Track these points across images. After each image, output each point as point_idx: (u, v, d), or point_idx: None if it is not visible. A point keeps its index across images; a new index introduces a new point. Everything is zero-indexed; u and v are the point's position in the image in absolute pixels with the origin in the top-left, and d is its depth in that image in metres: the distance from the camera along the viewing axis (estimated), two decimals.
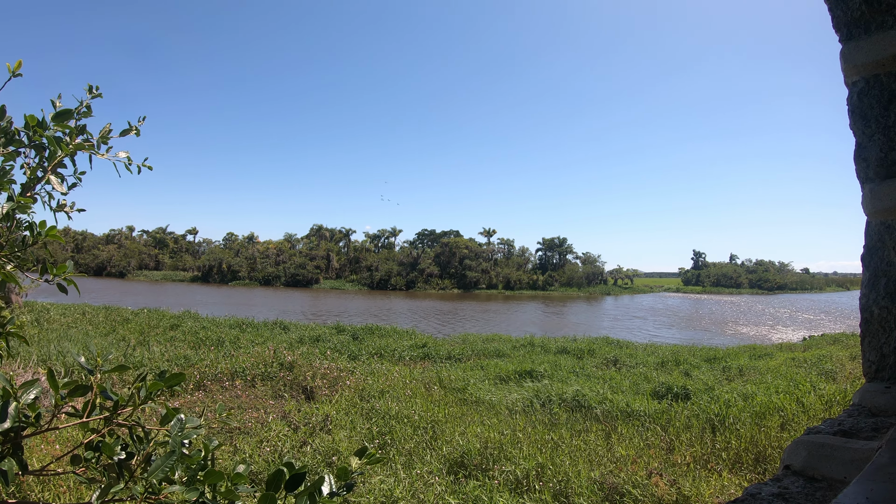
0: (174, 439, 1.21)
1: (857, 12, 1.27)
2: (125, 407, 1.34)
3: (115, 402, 1.32)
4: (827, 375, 12.43)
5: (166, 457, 1.16)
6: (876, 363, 1.30)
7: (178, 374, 1.35)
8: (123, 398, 1.34)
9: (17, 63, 1.43)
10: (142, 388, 1.34)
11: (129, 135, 1.66)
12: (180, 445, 1.20)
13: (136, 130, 1.67)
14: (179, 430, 1.24)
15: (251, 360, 11.82)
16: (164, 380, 1.33)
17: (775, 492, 1.04)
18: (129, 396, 1.34)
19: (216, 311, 29.95)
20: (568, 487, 5.76)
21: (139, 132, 1.67)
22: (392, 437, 7.39)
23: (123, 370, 1.36)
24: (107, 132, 1.62)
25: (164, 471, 1.14)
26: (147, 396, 1.33)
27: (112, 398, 1.32)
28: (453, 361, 15.92)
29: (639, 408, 9.07)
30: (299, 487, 1.18)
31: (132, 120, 1.69)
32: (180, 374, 1.36)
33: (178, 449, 1.17)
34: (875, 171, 1.27)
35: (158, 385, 1.32)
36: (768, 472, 6.50)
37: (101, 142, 1.60)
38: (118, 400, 1.33)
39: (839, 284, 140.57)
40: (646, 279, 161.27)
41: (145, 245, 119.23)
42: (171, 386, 1.33)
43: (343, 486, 1.27)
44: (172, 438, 1.21)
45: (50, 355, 11.80)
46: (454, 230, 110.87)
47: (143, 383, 1.34)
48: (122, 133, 1.65)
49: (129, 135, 1.66)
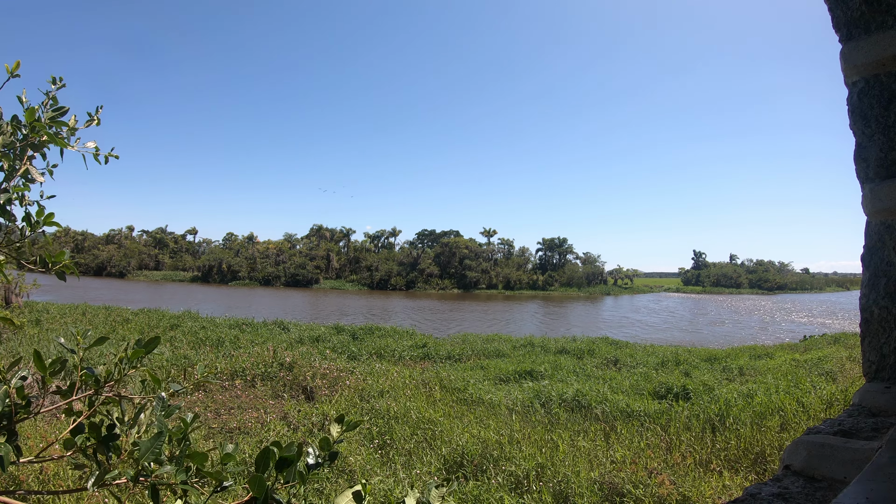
0: (159, 418, 1.23)
1: (857, 12, 1.27)
2: (109, 381, 1.38)
3: (96, 378, 1.36)
4: (827, 375, 12.43)
5: (155, 437, 1.17)
6: (876, 363, 1.29)
7: (155, 338, 1.38)
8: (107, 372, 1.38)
9: (16, 64, 1.43)
10: (123, 360, 1.37)
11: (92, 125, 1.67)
12: (166, 424, 1.21)
13: (97, 120, 1.68)
14: (162, 409, 1.26)
15: (251, 360, 11.82)
16: (142, 346, 1.36)
17: (775, 492, 1.04)
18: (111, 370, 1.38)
19: (216, 312, 29.96)
20: (568, 488, 5.76)
21: (99, 121, 1.69)
22: (391, 437, 7.39)
23: (103, 342, 1.39)
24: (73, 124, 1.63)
25: (154, 452, 1.16)
26: (129, 365, 1.37)
27: (94, 372, 1.36)
28: (453, 361, 15.92)
29: (639, 408, 9.06)
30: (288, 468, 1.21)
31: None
32: (156, 338, 1.38)
33: (164, 428, 1.19)
34: (875, 171, 1.27)
35: (139, 352, 1.36)
36: (768, 472, 6.50)
37: (69, 133, 1.61)
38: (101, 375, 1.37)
39: (839, 284, 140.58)
40: (646, 279, 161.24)
41: (145, 245, 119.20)
42: (150, 350, 1.36)
43: (326, 456, 1.31)
44: (157, 418, 1.23)
45: (50, 355, 11.79)
46: (454, 230, 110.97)
47: (125, 354, 1.37)
48: (86, 124, 1.66)
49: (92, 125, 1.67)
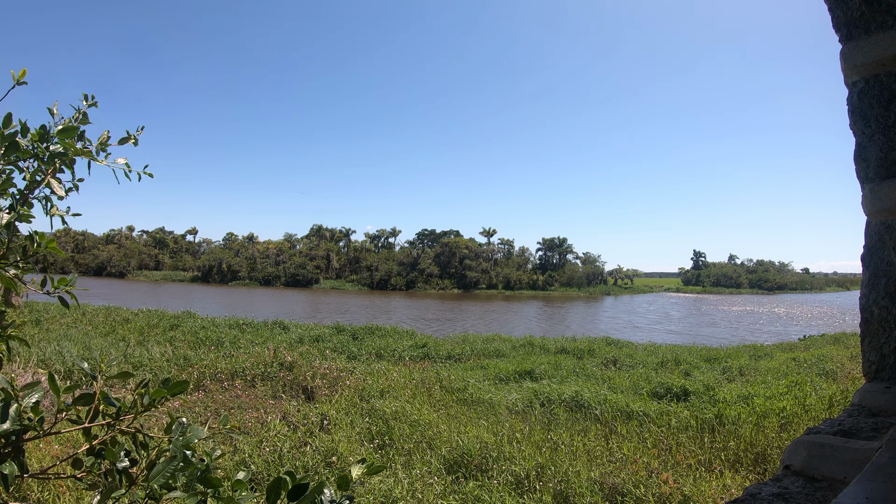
0: (175, 444, 1.19)
1: (857, 12, 1.26)
2: (127, 413, 1.31)
3: (118, 409, 1.30)
4: (827, 375, 12.43)
5: (167, 462, 1.14)
6: (876, 363, 1.29)
7: (182, 382, 1.30)
8: (126, 405, 1.31)
9: (22, 72, 1.43)
10: (144, 395, 1.31)
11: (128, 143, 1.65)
12: (181, 451, 1.18)
13: (135, 140, 1.66)
14: (181, 435, 1.22)
15: (251, 360, 11.82)
16: (167, 388, 1.29)
17: (775, 492, 1.04)
18: (131, 403, 1.31)
19: (216, 312, 29.96)
20: (568, 488, 5.75)
21: (137, 141, 1.66)
22: (391, 437, 7.39)
23: (127, 377, 1.33)
24: (105, 139, 1.61)
25: (166, 476, 1.13)
26: (150, 404, 1.30)
27: (115, 405, 1.30)
28: (453, 361, 15.91)
29: (638, 408, 9.06)
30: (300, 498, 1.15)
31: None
32: (184, 382, 1.31)
33: (179, 454, 1.16)
34: (875, 171, 1.27)
35: (162, 392, 1.28)
36: (768, 472, 6.50)
37: (99, 149, 1.60)
38: (120, 406, 1.30)
39: (839, 284, 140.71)
40: (646, 279, 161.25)
41: (145, 245, 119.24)
42: (175, 394, 1.30)
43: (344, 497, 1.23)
44: (174, 444, 1.19)
45: (49, 356, 11.79)
46: (454, 230, 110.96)
47: (145, 390, 1.31)
48: (120, 141, 1.64)
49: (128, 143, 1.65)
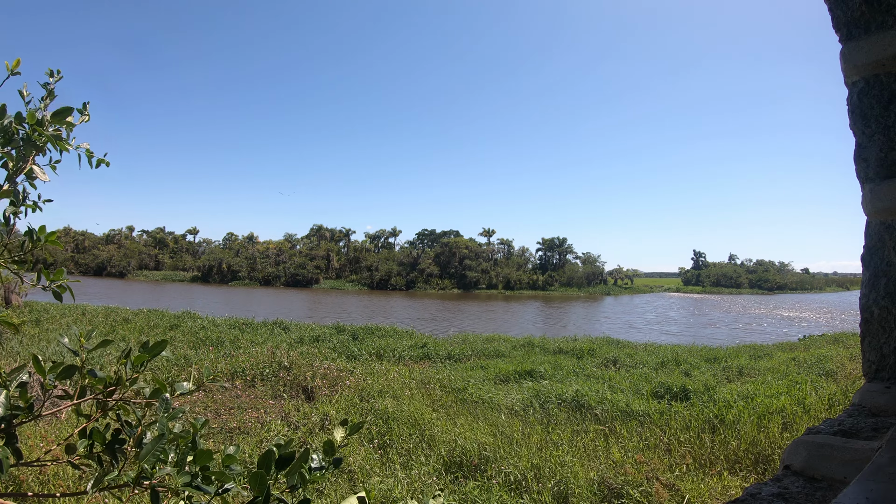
0: (161, 420, 1.18)
1: (857, 12, 1.26)
2: (115, 386, 1.31)
3: (105, 382, 1.29)
4: (827, 375, 12.43)
5: (156, 440, 1.13)
6: (876, 363, 1.29)
7: (161, 342, 1.30)
8: (111, 377, 1.31)
9: (16, 61, 1.43)
10: (127, 364, 1.30)
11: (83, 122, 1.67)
12: (168, 426, 1.17)
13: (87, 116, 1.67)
14: (165, 410, 1.21)
15: (251, 360, 11.83)
16: (147, 350, 1.29)
17: (775, 492, 1.04)
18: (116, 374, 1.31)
19: (216, 312, 29.96)
20: (567, 488, 5.75)
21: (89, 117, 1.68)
22: (391, 437, 7.39)
23: (106, 345, 1.34)
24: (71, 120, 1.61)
25: (156, 454, 1.12)
26: (134, 370, 1.30)
27: (98, 375, 1.30)
28: (453, 361, 15.91)
29: (638, 408, 9.06)
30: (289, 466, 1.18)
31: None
32: (163, 342, 1.31)
33: (166, 430, 1.15)
34: (875, 171, 1.27)
35: (143, 357, 1.28)
36: (768, 472, 6.50)
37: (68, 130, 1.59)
38: (106, 378, 1.30)
39: (839, 284, 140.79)
40: (646, 279, 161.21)
41: (145, 245, 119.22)
42: (156, 355, 1.29)
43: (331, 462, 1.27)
44: (159, 420, 1.18)
45: (49, 356, 11.80)
46: (454, 230, 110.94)
47: (127, 359, 1.30)
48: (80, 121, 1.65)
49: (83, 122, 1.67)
